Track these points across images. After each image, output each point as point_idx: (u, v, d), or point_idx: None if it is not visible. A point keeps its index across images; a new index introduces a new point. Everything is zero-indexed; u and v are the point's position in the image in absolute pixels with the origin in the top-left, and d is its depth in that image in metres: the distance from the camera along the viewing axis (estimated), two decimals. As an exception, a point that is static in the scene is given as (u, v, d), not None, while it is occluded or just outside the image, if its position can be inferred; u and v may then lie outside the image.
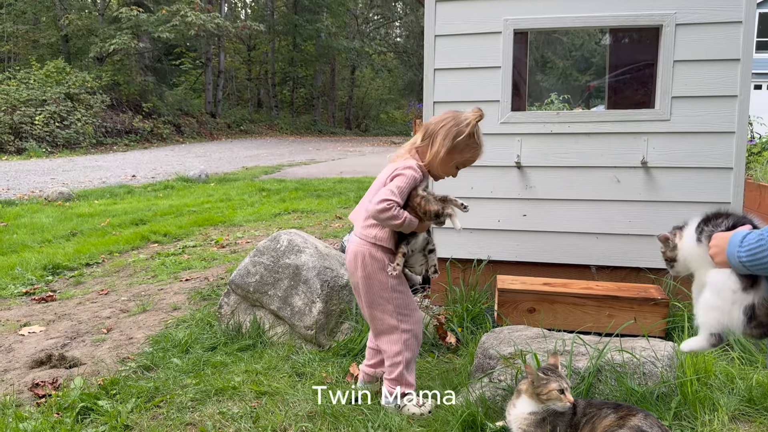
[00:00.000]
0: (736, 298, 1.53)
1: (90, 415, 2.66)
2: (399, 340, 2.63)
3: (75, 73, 21.00)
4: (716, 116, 3.56)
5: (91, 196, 9.73)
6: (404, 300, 2.65)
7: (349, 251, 2.68)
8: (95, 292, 4.79)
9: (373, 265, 2.59)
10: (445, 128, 2.60)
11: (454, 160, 2.65)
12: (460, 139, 2.59)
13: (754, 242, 1.44)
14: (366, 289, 2.63)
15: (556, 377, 2.23)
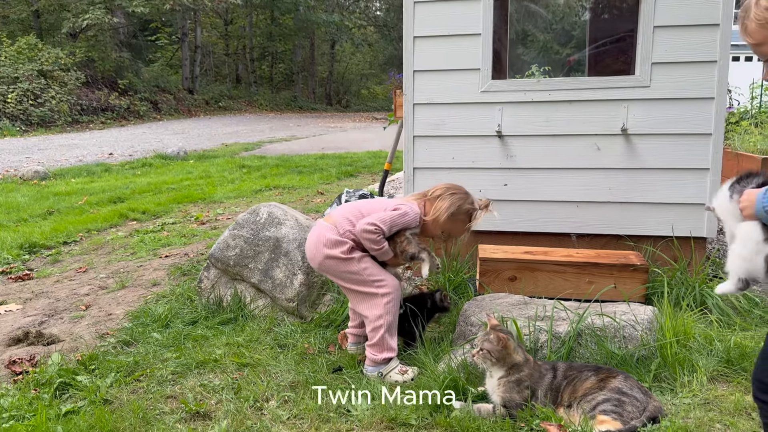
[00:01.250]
0: (760, 248, 1.64)
1: (69, 391, 2.63)
2: (380, 304, 2.67)
3: (48, 50, 20.47)
4: (696, 82, 3.56)
5: (68, 175, 9.56)
6: (373, 270, 2.71)
7: (312, 234, 2.79)
8: (73, 270, 4.73)
9: (335, 248, 2.69)
10: (454, 196, 2.82)
11: (446, 226, 2.83)
12: (462, 213, 2.82)
13: None
14: (332, 268, 2.74)
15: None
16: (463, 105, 3.85)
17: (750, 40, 1.57)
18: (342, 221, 2.75)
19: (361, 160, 10.94)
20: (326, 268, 2.76)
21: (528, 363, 2.33)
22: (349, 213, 2.79)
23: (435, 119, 3.90)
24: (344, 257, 2.69)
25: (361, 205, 2.86)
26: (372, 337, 2.71)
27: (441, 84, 3.85)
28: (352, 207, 2.86)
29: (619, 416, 2.10)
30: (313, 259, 2.79)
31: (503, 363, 2.31)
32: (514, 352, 2.31)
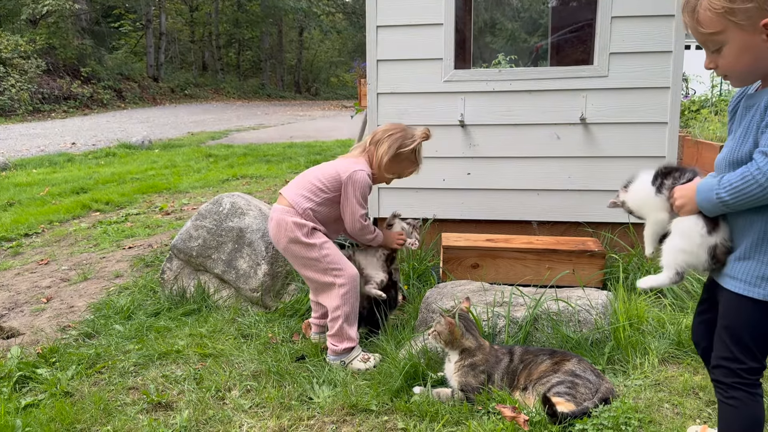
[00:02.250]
0: (703, 240, 1.66)
1: (29, 384, 2.61)
2: (337, 295, 2.69)
3: (6, 37, 19.88)
4: (652, 72, 3.64)
5: (29, 165, 9.35)
6: (333, 257, 2.72)
7: (273, 220, 2.76)
8: (34, 263, 4.65)
9: (296, 230, 2.68)
10: (391, 138, 2.81)
11: (392, 170, 2.86)
12: (403, 151, 2.81)
13: (738, 179, 1.50)
14: (294, 253, 2.73)
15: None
16: (426, 94, 3.88)
17: (703, 29, 1.55)
18: (299, 199, 2.73)
19: (330, 149, 10.92)
20: (291, 252, 2.75)
21: (481, 348, 2.38)
22: (303, 188, 2.76)
23: (398, 108, 3.92)
24: (306, 241, 2.68)
25: (311, 174, 2.82)
26: (331, 327, 2.73)
27: (404, 73, 3.87)
28: (303, 180, 2.80)
29: (573, 398, 2.17)
30: (277, 243, 2.79)
31: (453, 346, 2.38)
32: (462, 337, 2.38)
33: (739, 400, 1.64)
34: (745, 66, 1.54)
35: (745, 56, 1.52)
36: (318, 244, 2.71)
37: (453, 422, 2.22)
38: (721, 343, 1.68)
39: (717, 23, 1.51)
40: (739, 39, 1.50)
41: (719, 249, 1.66)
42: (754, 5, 1.45)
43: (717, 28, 1.51)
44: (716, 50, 1.56)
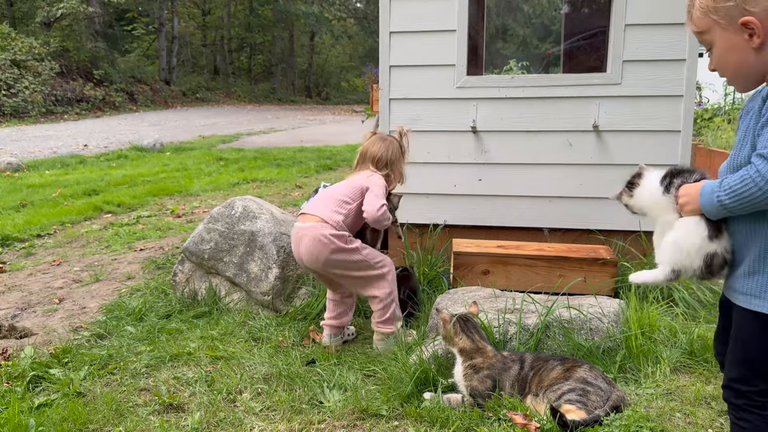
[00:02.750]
0: (702, 244, 1.62)
1: (42, 384, 2.63)
2: (386, 281, 2.89)
3: (21, 39, 20.09)
4: (665, 80, 3.63)
5: (42, 167, 9.43)
6: (372, 251, 2.92)
7: (307, 237, 2.81)
8: (47, 263, 4.69)
9: (337, 241, 2.78)
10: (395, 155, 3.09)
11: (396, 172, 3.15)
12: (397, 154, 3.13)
13: (737, 182, 1.48)
14: (339, 263, 2.82)
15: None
16: (439, 100, 3.89)
17: (694, 28, 1.58)
18: (330, 214, 2.83)
19: (341, 154, 10.95)
20: (334, 263, 2.83)
21: (481, 351, 2.39)
22: (330, 204, 2.88)
23: (411, 114, 3.93)
24: (350, 248, 2.82)
25: (334, 191, 2.97)
26: (383, 313, 2.89)
27: (417, 79, 3.88)
28: (327, 198, 2.94)
29: (584, 405, 2.16)
30: (317, 260, 2.82)
31: (449, 343, 2.45)
32: (455, 336, 2.42)
33: (749, 422, 1.59)
34: (733, 66, 1.54)
35: (730, 56, 1.53)
36: (359, 247, 2.86)
37: (463, 428, 2.21)
38: (731, 363, 1.63)
39: (703, 22, 1.53)
40: (723, 38, 1.52)
41: (716, 259, 1.62)
42: (732, 4, 1.46)
43: (704, 28, 1.54)
44: (710, 50, 1.57)
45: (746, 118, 1.57)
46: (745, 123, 1.56)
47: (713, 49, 1.56)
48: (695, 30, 1.58)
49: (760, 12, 1.44)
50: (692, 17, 1.57)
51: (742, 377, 1.59)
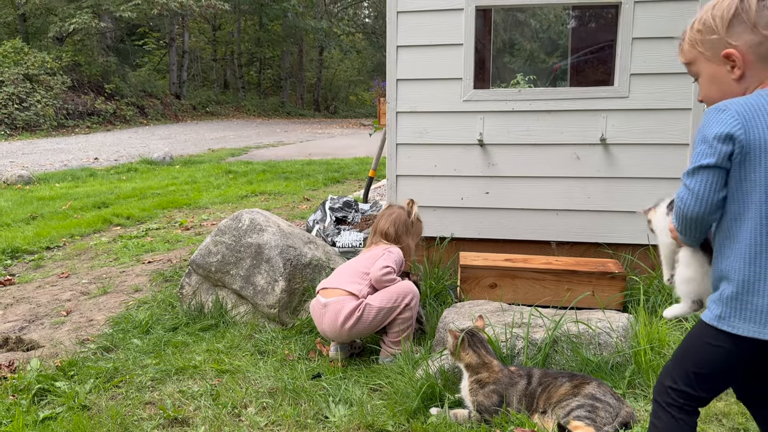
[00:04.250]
0: (705, 269, 1.64)
1: (47, 397, 2.63)
2: (410, 307, 2.91)
3: (34, 54, 20.34)
4: (673, 93, 3.62)
5: (52, 179, 9.50)
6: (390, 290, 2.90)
7: (331, 312, 2.86)
8: (55, 276, 4.71)
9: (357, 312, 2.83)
10: (402, 227, 3.21)
11: (415, 242, 3.31)
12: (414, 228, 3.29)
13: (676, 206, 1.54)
14: (362, 330, 2.87)
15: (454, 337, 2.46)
16: (446, 114, 3.89)
17: (683, 59, 1.65)
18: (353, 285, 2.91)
19: (348, 167, 10.97)
20: (357, 332, 2.89)
21: (487, 366, 2.37)
22: (355, 276, 2.95)
23: (418, 127, 3.93)
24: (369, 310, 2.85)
25: (354, 266, 3.04)
26: (398, 335, 2.89)
27: (424, 93, 3.89)
28: (350, 272, 3.00)
29: (593, 422, 2.13)
30: (339, 334, 2.87)
31: (456, 358, 2.42)
32: (462, 351, 2.39)
33: (661, 420, 1.61)
34: (716, 95, 1.59)
35: (713, 86, 1.60)
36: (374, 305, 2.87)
37: (470, 444, 2.19)
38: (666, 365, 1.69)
39: (691, 54, 1.61)
40: (707, 70, 1.59)
41: None
42: (716, 37, 1.54)
43: (691, 59, 1.62)
44: (696, 80, 1.65)
45: None
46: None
47: (699, 79, 1.63)
48: (684, 61, 1.66)
49: (741, 45, 1.52)
50: (682, 49, 1.65)
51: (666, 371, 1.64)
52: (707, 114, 1.51)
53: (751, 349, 1.49)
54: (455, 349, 2.41)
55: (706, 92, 1.63)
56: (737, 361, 1.54)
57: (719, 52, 1.55)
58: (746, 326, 1.47)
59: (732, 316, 1.49)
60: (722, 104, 1.50)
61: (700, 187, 1.49)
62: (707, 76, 1.61)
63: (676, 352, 1.66)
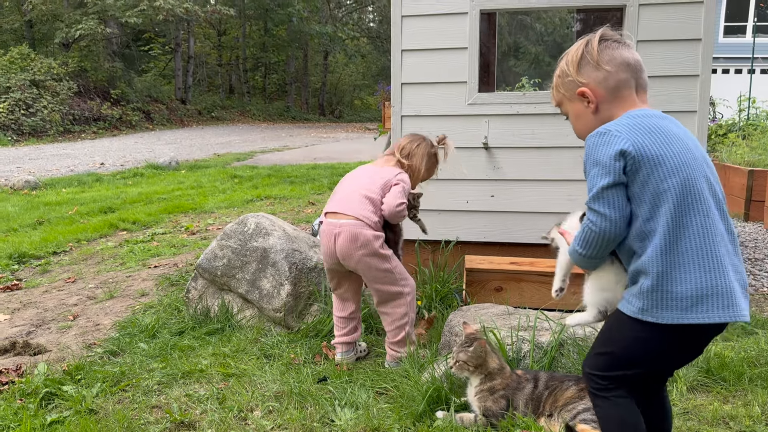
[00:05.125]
0: (619, 278, 1.75)
1: (54, 401, 2.64)
2: (404, 303, 2.86)
3: (40, 60, 20.48)
4: (678, 96, 3.62)
5: (59, 185, 9.55)
6: (400, 267, 2.89)
7: (345, 233, 2.79)
8: (62, 280, 4.73)
9: (375, 242, 2.78)
10: (421, 148, 3.05)
11: (424, 176, 3.13)
12: (431, 160, 3.10)
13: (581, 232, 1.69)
14: (368, 265, 2.80)
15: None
16: (451, 117, 3.90)
17: (554, 103, 1.87)
18: (366, 213, 2.80)
19: (353, 171, 10.96)
20: (365, 264, 2.80)
21: (501, 372, 2.35)
22: (363, 201, 2.82)
23: (422, 131, 3.92)
24: (383, 253, 2.81)
25: (361, 187, 2.89)
26: (396, 334, 2.87)
27: (428, 96, 3.90)
28: (357, 194, 2.86)
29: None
30: (350, 257, 2.79)
31: (481, 370, 2.34)
32: (490, 359, 2.35)
33: (600, 407, 1.74)
34: (582, 128, 1.80)
35: (579, 122, 1.80)
36: (389, 256, 2.85)
37: (476, 448, 2.18)
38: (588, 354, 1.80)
39: (557, 97, 1.84)
40: (571, 108, 1.81)
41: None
42: (570, 79, 1.77)
43: (558, 101, 1.84)
44: (567, 118, 1.85)
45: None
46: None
47: (569, 117, 1.84)
48: (555, 104, 1.87)
49: (590, 83, 1.74)
50: (552, 94, 1.87)
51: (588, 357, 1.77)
52: (589, 140, 1.67)
53: (677, 334, 1.60)
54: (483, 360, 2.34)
55: (575, 128, 1.83)
56: (666, 347, 1.64)
57: (575, 91, 1.76)
58: (669, 314, 1.57)
59: (654, 307, 1.59)
60: (601, 128, 1.66)
61: (608, 208, 1.61)
62: (572, 114, 1.82)
63: (596, 344, 1.77)
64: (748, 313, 1.60)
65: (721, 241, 1.60)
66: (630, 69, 1.76)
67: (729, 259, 1.60)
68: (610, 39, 1.77)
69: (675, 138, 1.65)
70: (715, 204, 1.63)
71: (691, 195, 1.59)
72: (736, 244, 1.66)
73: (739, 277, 1.62)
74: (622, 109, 1.74)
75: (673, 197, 1.58)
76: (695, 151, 1.66)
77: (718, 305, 1.56)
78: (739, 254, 1.66)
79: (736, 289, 1.59)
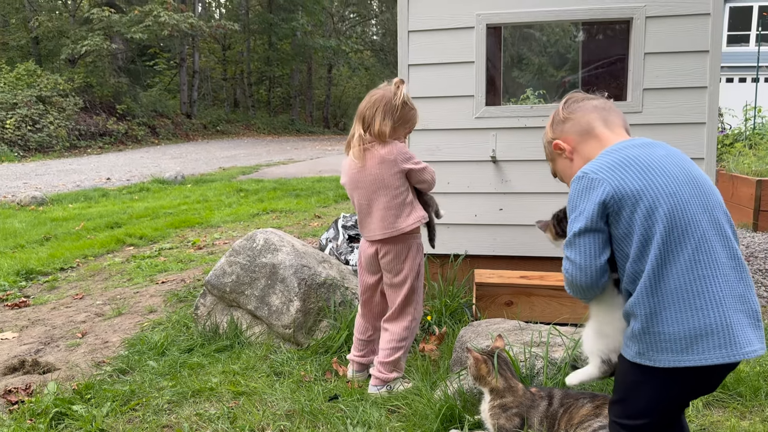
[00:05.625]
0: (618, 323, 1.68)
1: (64, 421, 2.62)
2: (408, 327, 2.81)
3: (46, 76, 20.64)
4: (687, 107, 3.61)
5: (65, 200, 9.58)
6: (421, 290, 2.87)
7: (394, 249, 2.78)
8: (70, 297, 4.72)
9: (422, 253, 2.84)
10: (379, 109, 2.72)
11: (401, 132, 2.83)
12: (399, 113, 2.74)
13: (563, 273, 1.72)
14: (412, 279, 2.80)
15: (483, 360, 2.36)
16: (458, 131, 3.89)
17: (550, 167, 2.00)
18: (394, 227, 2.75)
19: (358, 184, 10.96)
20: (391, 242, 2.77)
21: (512, 389, 2.32)
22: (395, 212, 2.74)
23: (430, 145, 3.93)
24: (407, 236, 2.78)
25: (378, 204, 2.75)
26: (390, 354, 2.80)
27: (436, 110, 3.89)
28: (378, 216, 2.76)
29: (616, 443, 2.09)
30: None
31: (482, 383, 2.35)
32: (488, 375, 2.34)
33: None
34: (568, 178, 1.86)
35: (565, 175, 1.92)
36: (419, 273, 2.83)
37: (491, 467, 2.15)
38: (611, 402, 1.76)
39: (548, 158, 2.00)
40: (557, 167, 1.95)
41: None
42: (548, 140, 1.93)
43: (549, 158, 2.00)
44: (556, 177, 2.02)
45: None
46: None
47: (559, 177, 1.98)
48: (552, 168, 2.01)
49: (559, 135, 1.88)
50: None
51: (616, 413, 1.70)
52: (571, 186, 1.71)
53: (678, 378, 1.54)
54: (479, 373, 2.35)
55: (566, 182, 1.90)
56: (668, 392, 1.57)
57: (552, 147, 1.90)
58: (664, 357, 1.52)
59: (649, 350, 1.54)
60: (579, 172, 1.67)
61: (578, 255, 1.62)
62: (559, 171, 1.95)
63: (614, 388, 1.72)
64: (760, 345, 1.51)
65: (717, 272, 1.52)
66: (596, 109, 1.83)
67: (729, 290, 1.53)
68: (575, 98, 1.90)
69: (657, 167, 1.60)
70: (713, 229, 1.56)
71: (679, 227, 1.54)
72: (741, 270, 1.57)
73: (746, 307, 1.53)
74: (598, 147, 1.75)
75: (660, 232, 1.53)
76: (684, 175, 1.60)
77: (713, 345, 1.49)
78: (746, 279, 1.56)
79: (737, 323, 1.50)
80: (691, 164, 1.66)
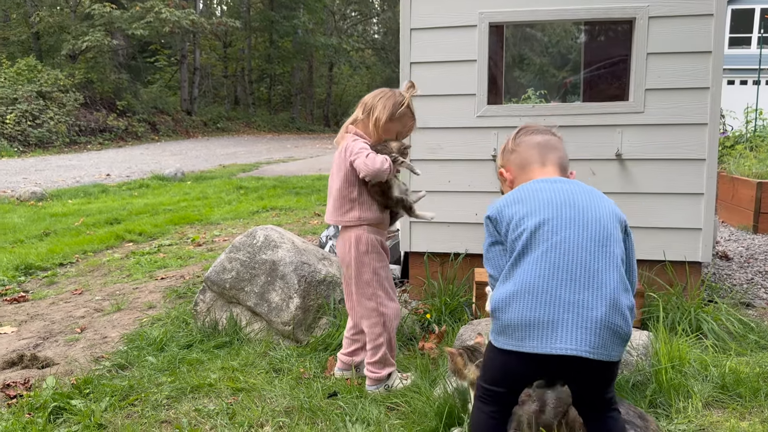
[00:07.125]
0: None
1: (63, 415, 2.61)
2: (379, 323, 2.76)
3: (47, 71, 20.63)
4: (689, 108, 3.60)
5: (65, 196, 9.57)
6: (387, 283, 2.81)
7: (340, 239, 2.84)
8: (69, 292, 4.71)
9: (366, 245, 2.75)
10: (383, 99, 2.79)
11: (392, 130, 2.80)
12: (401, 109, 2.78)
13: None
14: (357, 269, 2.76)
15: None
16: (459, 129, 3.89)
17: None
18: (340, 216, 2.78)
19: (358, 182, 10.96)
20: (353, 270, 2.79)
21: None
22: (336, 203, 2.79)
23: (431, 143, 3.93)
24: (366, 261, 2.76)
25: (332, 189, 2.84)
26: (374, 354, 2.77)
27: (437, 109, 3.89)
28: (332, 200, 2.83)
29: (615, 443, 2.09)
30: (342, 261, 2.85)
31: (461, 377, 2.37)
32: (464, 368, 2.35)
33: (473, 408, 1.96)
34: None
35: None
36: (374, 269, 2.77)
37: (490, 465, 2.15)
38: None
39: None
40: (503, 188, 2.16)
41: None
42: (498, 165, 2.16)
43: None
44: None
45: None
46: None
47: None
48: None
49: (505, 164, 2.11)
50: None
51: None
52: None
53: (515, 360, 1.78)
54: (456, 366, 2.36)
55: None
56: (511, 368, 1.83)
57: (498, 175, 2.13)
58: (504, 340, 1.78)
59: (496, 333, 1.83)
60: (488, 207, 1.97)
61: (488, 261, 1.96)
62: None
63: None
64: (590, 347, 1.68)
65: (567, 279, 1.73)
66: (537, 146, 2.04)
67: (574, 296, 1.72)
68: (526, 130, 2.10)
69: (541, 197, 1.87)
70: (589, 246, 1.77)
71: (539, 238, 1.78)
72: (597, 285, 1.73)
73: (587, 313, 1.70)
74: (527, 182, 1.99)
75: (522, 242, 1.79)
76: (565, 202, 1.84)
77: (535, 336, 1.71)
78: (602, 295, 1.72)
79: (571, 323, 1.70)
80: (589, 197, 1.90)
